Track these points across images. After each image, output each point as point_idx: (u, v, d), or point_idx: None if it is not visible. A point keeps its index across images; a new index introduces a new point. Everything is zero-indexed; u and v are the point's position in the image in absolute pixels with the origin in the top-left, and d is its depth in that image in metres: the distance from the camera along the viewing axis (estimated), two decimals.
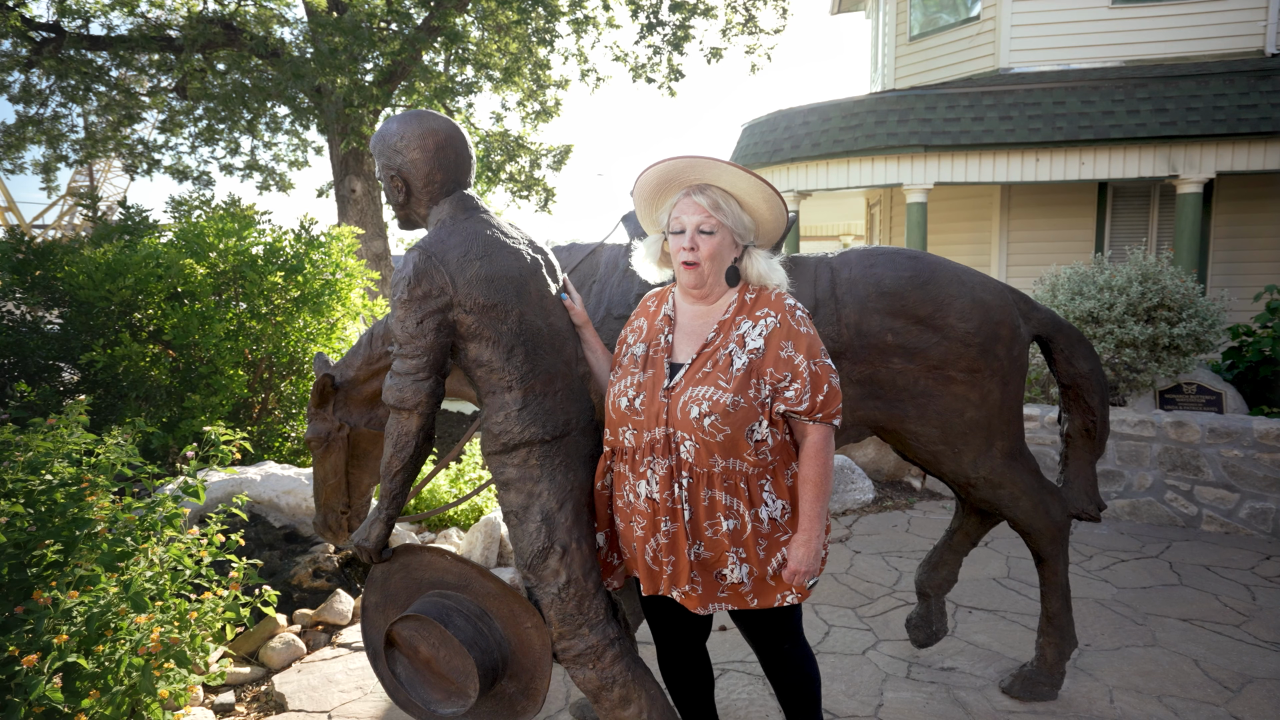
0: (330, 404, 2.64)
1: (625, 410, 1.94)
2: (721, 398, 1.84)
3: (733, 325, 1.94)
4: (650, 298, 2.14)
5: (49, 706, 2.23)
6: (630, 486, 1.94)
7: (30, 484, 2.59)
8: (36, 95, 10.01)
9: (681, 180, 1.99)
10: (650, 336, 2.02)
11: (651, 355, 1.98)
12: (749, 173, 1.93)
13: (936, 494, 5.71)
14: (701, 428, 1.84)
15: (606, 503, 2.06)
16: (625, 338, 2.09)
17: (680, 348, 1.98)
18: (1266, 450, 4.76)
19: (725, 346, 1.91)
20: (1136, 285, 5.25)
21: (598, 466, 2.05)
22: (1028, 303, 2.79)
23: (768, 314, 1.93)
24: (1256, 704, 2.92)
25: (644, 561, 1.94)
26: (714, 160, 1.92)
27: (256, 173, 11.93)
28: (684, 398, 1.87)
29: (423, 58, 10.04)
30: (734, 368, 1.87)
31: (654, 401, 1.90)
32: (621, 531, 2.02)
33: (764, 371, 1.88)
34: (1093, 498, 2.91)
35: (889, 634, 3.52)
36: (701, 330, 1.98)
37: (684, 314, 2.03)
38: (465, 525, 4.74)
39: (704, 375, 1.88)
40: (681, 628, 2.14)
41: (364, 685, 3.13)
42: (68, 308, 5.09)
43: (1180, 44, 8.42)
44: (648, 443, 1.90)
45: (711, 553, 1.89)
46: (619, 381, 1.99)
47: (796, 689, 2.13)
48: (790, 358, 1.88)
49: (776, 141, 8.66)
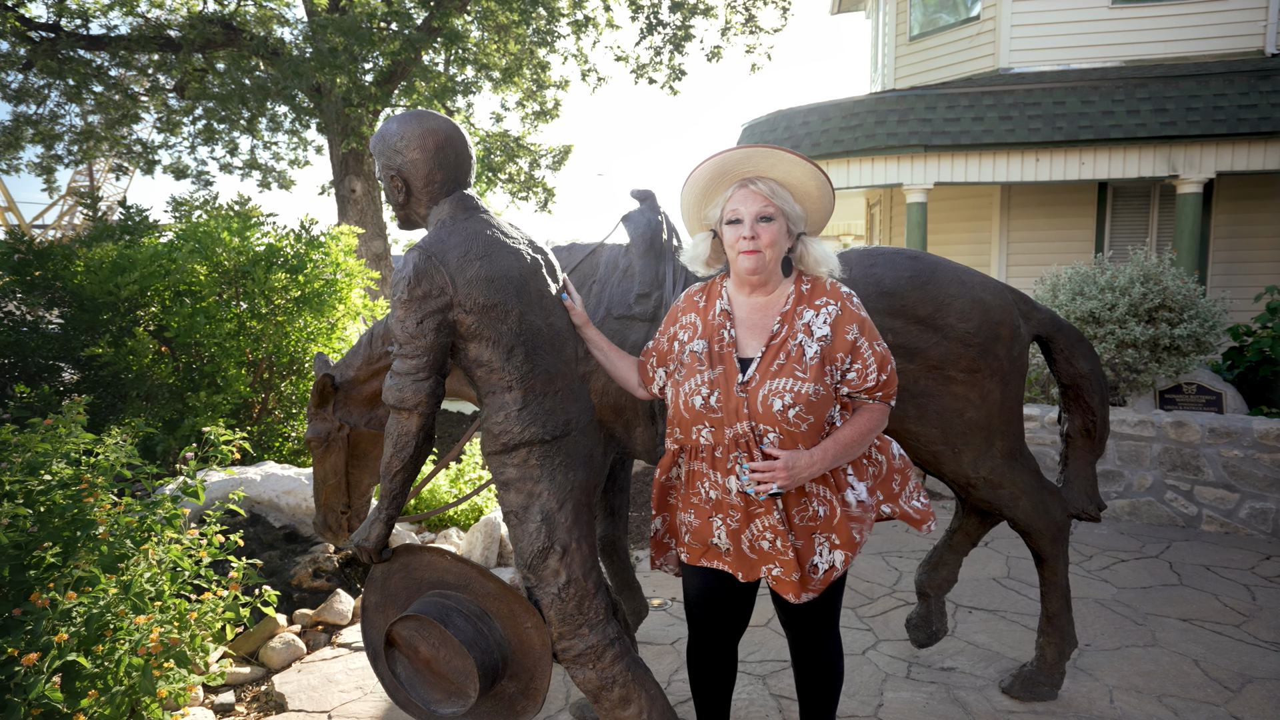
0: (330, 404, 2.63)
1: (700, 409, 1.93)
2: (803, 388, 1.86)
3: (795, 315, 1.96)
4: (695, 293, 2.12)
5: (48, 706, 2.23)
6: (713, 483, 1.95)
7: (29, 485, 2.58)
8: (34, 95, 10.00)
9: (734, 174, 1.99)
10: (709, 332, 2.01)
11: (717, 351, 1.97)
12: (805, 159, 1.94)
13: (936, 494, 5.71)
14: (786, 419, 1.86)
15: (666, 493, 2.09)
16: (676, 335, 2.08)
17: (745, 342, 1.98)
18: (1266, 450, 4.76)
19: (794, 337, 1.93)
20: (1138, 286, 5.25)
21: (663, 461, 2.07)
22: (1028, 303, 2.79)
23: (828, 302, 1.97)
24: (1256, 704, 2.92)
25: (740, 551, 1.96)
26: (770, 149, 1.93)
27: (256, 171, 11.93)
28: (763, 391, 1.88)
29: (423, 58, 10.04)
30: (807, 357, 1.89)
31: (731, 397, 1.90)
32: (697, 526, 2.01)
33: (834, 358, 1.92)
34: (1093, 498, 2.91)
35: (889, 634, 3.52)
36: (763, 323, 1.99)
37: (741, 307, 2.03)
38: (465, 525, 4.74)
39: (779, 368, 1.89)
40: (723, 623, 2.14)
41: (364, 685, 3.13)
42: (68, 307, 5.09)
43: (1180, 44, 8.41)
44: (731, 439, 1.90)
45: (802, 540, 1.93)
46: (687, 380, 1.97)
47: (822, 679, 2.14)
48: (855, 340, 1.93)
49: (776, 141, 8.66)
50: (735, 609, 2.12)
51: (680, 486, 2.06)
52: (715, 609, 2.12)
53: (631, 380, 2.22)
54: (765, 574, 1.96)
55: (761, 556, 1.94)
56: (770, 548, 1.92)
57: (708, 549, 2.02)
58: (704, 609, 2.13)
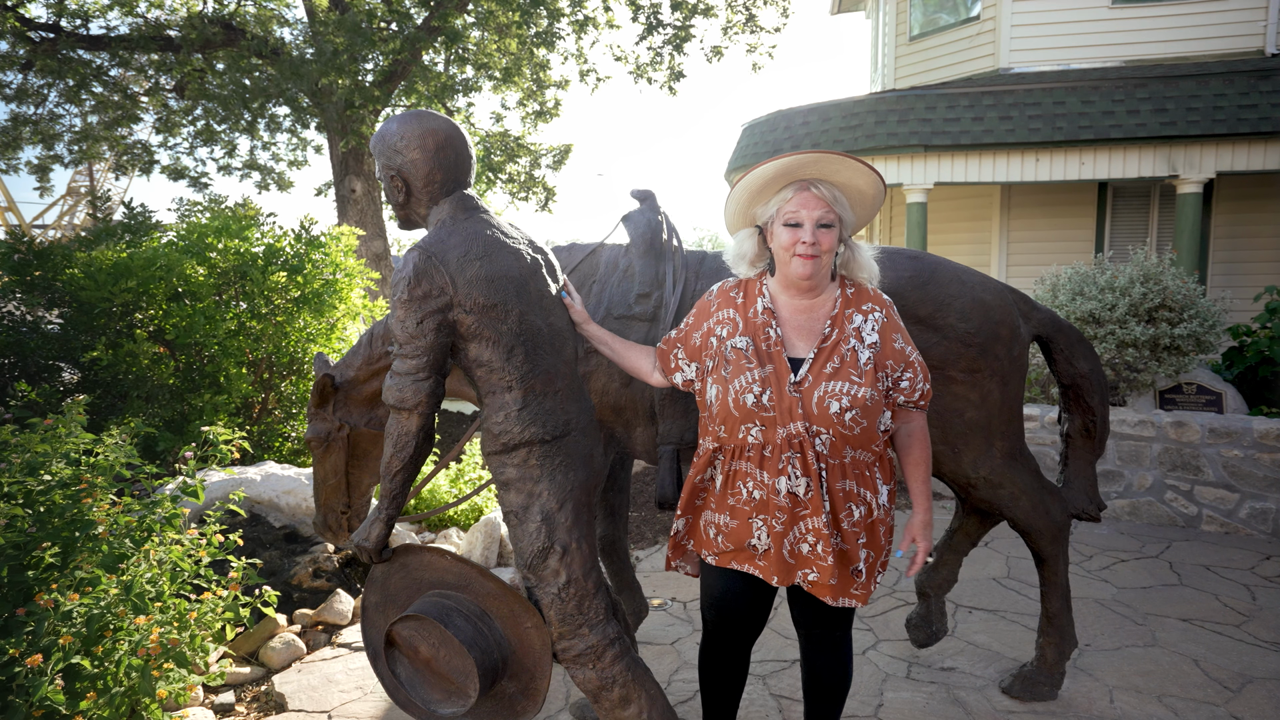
0: (330, 404, 2.63)
1: (753, 407, 1.92)
2: (860, 392, 1.88)
3: (845, 319, 1.97)
4: (730, 289, 2.10)
5: (50, 708, 2.23)
6: (758, 483, 1.94)
7: (29, 485, 2.58)
8: (33, 95, 9.99)
9: (795, 175, 1.99)
10: (752, 330, 2.00)
11: (764, 350, 1.96)
12: (870, 168, 1.95)
13: (936, 494, 5.71)
14: (842, 422, 1.87)
15: (696, 494, 2.08)
16: (712, 330, 2.06)
17: (794, 342, 1.98)
18: (1266, 450, 4.76)
19: (845, 341, 1.94)
20: (1138, 286, 5.25)
21: (697, 463, 2.05)
22: (1028, 303, 2.79)
23: (873, 309, 2.00)
24: (1256, 704, 2.92)
25: (780, 555, 1.94)
26: (839, 155, 1.93)
27: (255, 172, 11.92)
28: (818, 393, 1.89)
29: (423, 58, 10.03)
30: (861, 362, 1.91)
31: (784, 397, 1.90)
32: (734, 528, 1.99)
33: (885, 364, 1.95)
34: (1093, 498, 2.91)
35: (889, 634, 3.52)
36: (812, 325, 1.99)
37: (785, 308, 2.02)
38: (465, 525, 4.74)
39: (834, 370, 1.91)
40: (743, 625, 2.13)
41: (364, 685, 3.13)
42: (68, 308, 5.09)
43: (1180, 44, 8.41)
44: (784, 439, 1.90)
45: (848, 544, 1.94)
46: (736, 378, 1.94)
47: (833, 679, 2.15)
48: (902, 349, 1.98)
49: (776, 141, 8.66)
50: (756, 613, 2.12)
51: (713, 488, 2.04)
52: (737, 612, 2.11)
53: (645, 367, 2.20)
54: (800, 579, 1.96)
55: (800, 561, 1.94)
56: (810, 551, 1.92)
57: (741, 551, 2.00)
58: (725, 612, 2.12)
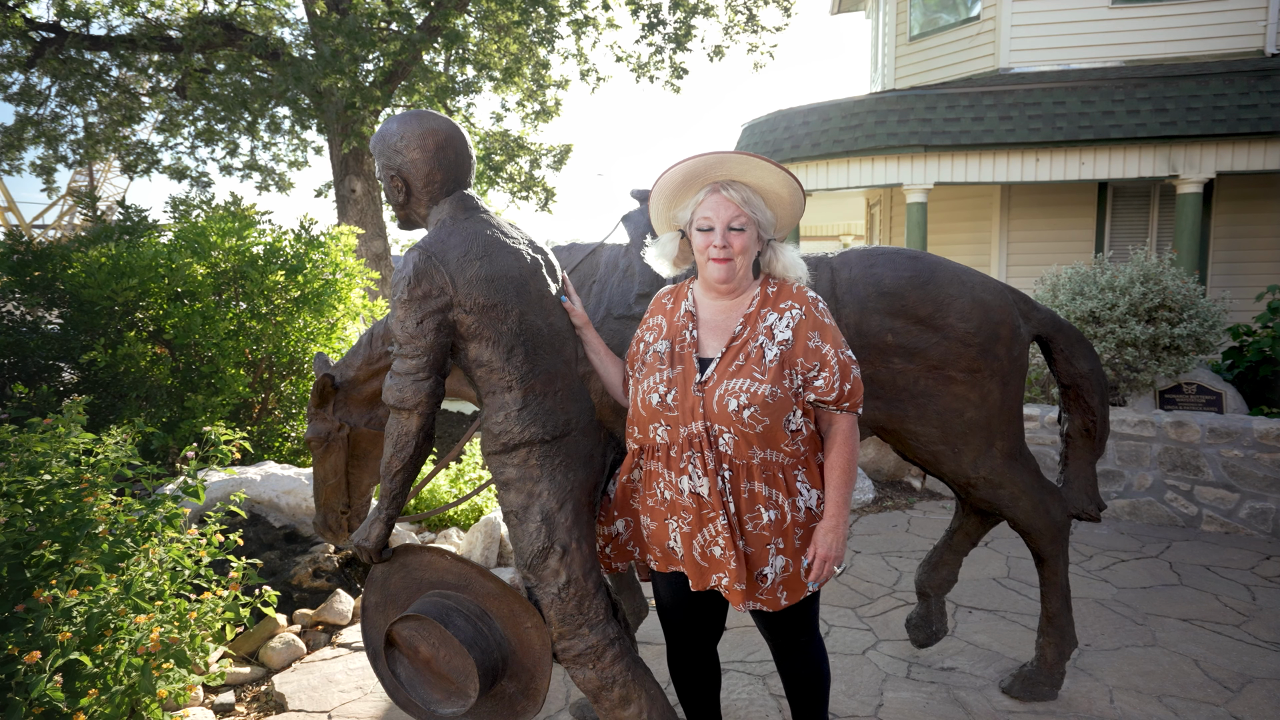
0: (330, 404, 2.64)
1: (657, 407, 1.93)
2: (759, 389, 1.85)
3: (759, 318, 1.95)
4: (665, 295, 2.13)
5: (49, 706, 2.23)
6: (667, 483, 1.93)
7: (29, 484, 2.58)
8: (36, 96, 10.00)
9: (706, 177, 1.98)
10: (673, 333, 2.01)
11: (678, 351, 1.97)
12: (779, 167, 1.94)
13: (936, 494, 5.71)
14: (741, 420, 1.85)
15: (629, 495, 2.07)
16: (642, 336, 2.08)
17: (706, 342, 1.98)
18: (1266, 450, 4.76)
19: (755, 339, 1.92)
20: (1138, 286, 5.25)
21: (624, 462, 2.05)
22: (1028, 303, 2.79)
23: (792, 306, 1.95)
24: (1256, 704, 2.92)
25: (691, 558, 1.92)
26: (745, 155, 1.92)
27: (256, 173, 11.93)
28: (719, 391, 1.87)
29: (423, 58, 10.03)
30: (767, 359, 1.88)
31: (688, 396, 1.90)
32: (654, 530, 1.99)
33: (794, 362, 1.90)
34: (1093, 498, 2.91)
35: (889, 634, 3.52)
36: (726, 324, 1.98)
37: (706, 309, 2.03)
38: (465, 525, 4.74)
39: (737, 368, 1.89)
40: (697, 628, 2.13)
41: (364, 685, 3.13)
42: (68, 308, 5.09)
43: (1180, 44, 8.42)
44: (685, 438, 1.89)
45: (753, 547, 1.90)
46: (646, 379, 1.97)
47: (807, 683, 2.13)
48: (818, 348, 1.92)
49: (776, 141, 8.66)
50: (708, 614, 2.10)
51: (640, 489, 2.04)
52: (688, 615, 2.10)
53: (617, 385, 2.21)
54: (716, 582, 1.92)
55: (712, 564, 1.90)
56: (721, 554, 1.88)
57: (667, 553, 2.00)
58: (677, 615, 2.12)
